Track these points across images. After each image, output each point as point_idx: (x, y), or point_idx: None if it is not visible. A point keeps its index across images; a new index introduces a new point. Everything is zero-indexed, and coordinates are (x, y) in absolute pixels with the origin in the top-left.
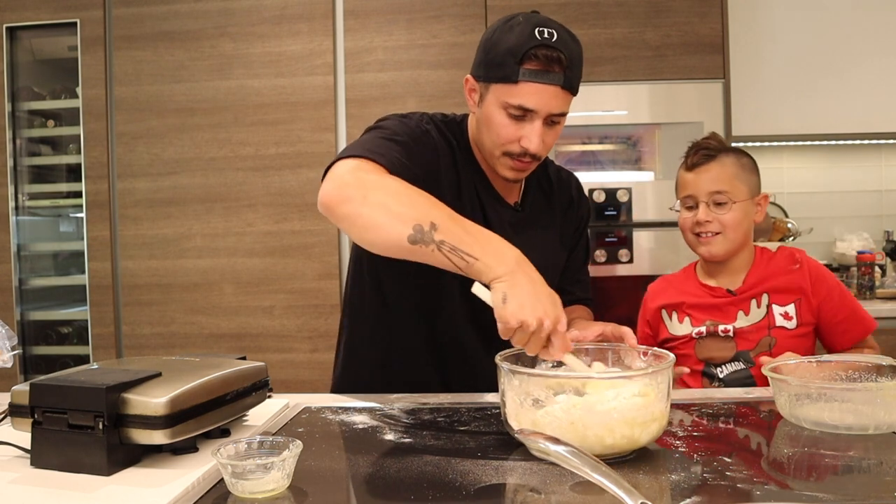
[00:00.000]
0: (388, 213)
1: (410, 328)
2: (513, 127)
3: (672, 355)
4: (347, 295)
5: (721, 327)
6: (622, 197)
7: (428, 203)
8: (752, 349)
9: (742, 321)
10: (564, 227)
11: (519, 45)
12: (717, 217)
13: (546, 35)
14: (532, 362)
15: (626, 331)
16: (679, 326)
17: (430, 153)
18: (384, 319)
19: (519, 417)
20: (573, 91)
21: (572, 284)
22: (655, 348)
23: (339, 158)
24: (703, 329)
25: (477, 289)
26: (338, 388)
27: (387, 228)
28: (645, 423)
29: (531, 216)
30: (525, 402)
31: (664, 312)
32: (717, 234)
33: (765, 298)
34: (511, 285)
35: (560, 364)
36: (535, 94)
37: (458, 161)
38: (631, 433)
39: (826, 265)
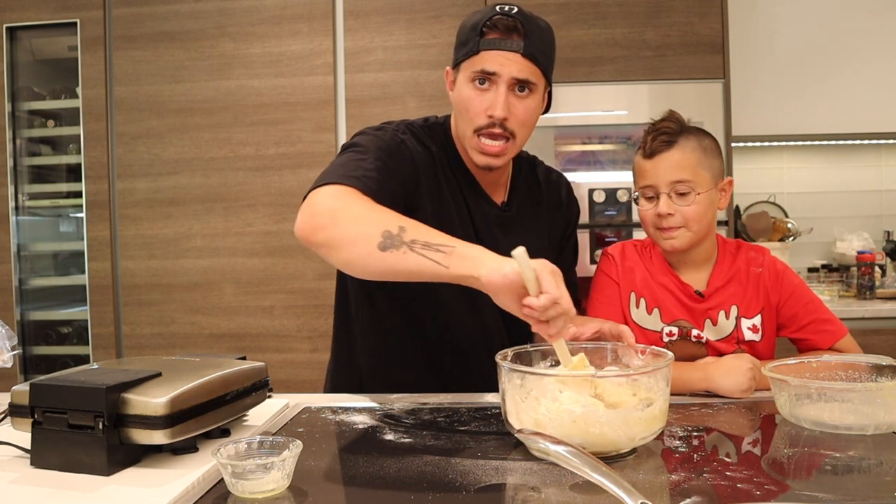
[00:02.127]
0: (357, 228)
1: (404, 337)
2: (478, 98)
3: (671, 353)
4: (337, 309)
5: (695, 332)
6: (622, 197)
7: (395, 214)
8: None
9: (710, 332)
10: (553, 229)
11: (480, 20)
12: (679, 209)
13: (506, 9)
14: (530, 361)
15: (624, 329)
16: (647, 318)
17: (406, 163)
18: (376, 330)
19: (520, 416)
20: (536, 62)
21: None
22: (653, 347)
23: (314, 187)
24: (675, 330)
25: (519, 252)
26: (330, 389)
27: (358, 243)
28: (646, 422)
29: (518, 216)
30: (526, 400)
31: (633, 296)
32: (680, 227)
33: (734, 311)
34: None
35: (557, 363)
36: (495, 58)
37: (439, 163)
38: (632, 432)
39: (826, 265)
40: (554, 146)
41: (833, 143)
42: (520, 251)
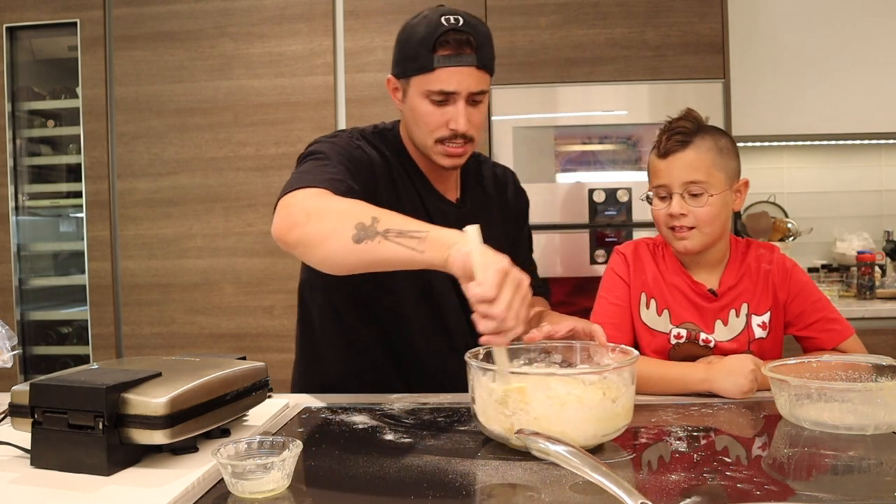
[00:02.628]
0: (330, 223)
1: (372, 346)
2: (438, 113)
3: (636, 352)
4: (301, 323)
5: (703, 336)
6: (622, 197)
7: (366, 205)
8: None
9: (722, 333)
10: (506, 222)
11: (429, 34)
12: (692, 210)
13: (452, 21)
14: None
15: (596, 328)
16: (657, 319)
17: (365, 168)
18: (343, 342)
19: (487, 414)
20: (488, 70)
21: None
22: (623, 346)
23: (283, 194)
24: (683, 333)
25: (471, 229)
26: (298, 391)
27: (332, 237)
28: (611, 420)
29: (473, 211)
30: (494, 399)
31: (643, 296)
32: (692, 228)
33: (744, 308)
34: (483, 248)
35: (529, 362)
36: (452, 76)
37: (394, 168)
38: (596, 430)
39: (826, 265)
40: (554, 146)
41: (833, 143)
42: (471, 228)
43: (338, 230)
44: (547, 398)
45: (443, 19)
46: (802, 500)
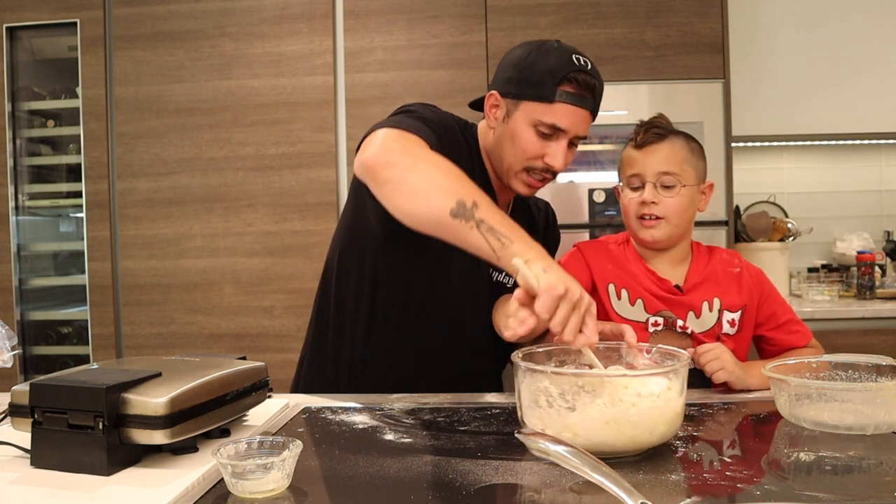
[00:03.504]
0: (434, 184)
1: (392, 326)
2: (539, 144)
3: (687, 353)
4: (325, 295)
5: (679, 322)
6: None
7: (471, 184)
8: None
9: (693, 324)
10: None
11: (559, 67)
12: (663, 200)
13: (583, 62)
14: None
15: (626, 328)
16: (631, 309)
17: (455, 148)
18: (366, 317)
19: (543, 417)
20: (594, 119)
21: None
22: (661, 345)
23: (377, 128)
24: (661, 321)
25: (519, 262)
26: (301, 388)
27: (431, 198)
28: (671, 420)
29: None
30: (551, 402)
31: (612, 287)
32: (661, 218)
33: (716, 303)
34: (548, 264)
35: (561, 363)
36: (569, 115)
37: (475, 166)
38: (663, 430)
39: (826, 265)
40: None
41: (833, 143)
42: (518, 261)
43: (438, 194)
44: (638, 395)
45: (574, 57)
46: (802, 500)
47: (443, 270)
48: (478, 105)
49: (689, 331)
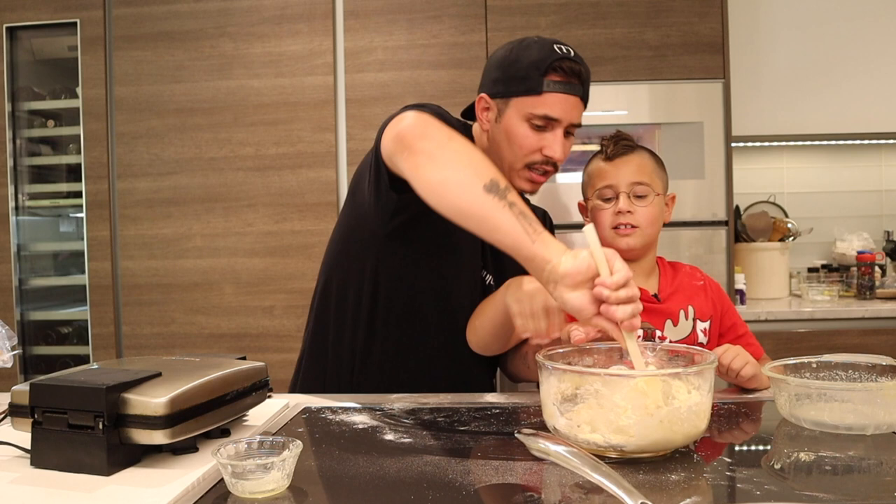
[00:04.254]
0: (470, 159)
1: (392, 327)
2: (535, 137)
3: (713, 354)
4: (325, 297)
5: (658, 333)
6: None
7: (501, 173)
8: None
9: (671, 332)
10: None
11: (542, 58)
12: (637, 209)
13: (565, 51)
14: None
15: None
16: None
17: None
18: (366, 319)
19: (591, 421)
20: (586, 105)
21: None
22: (666, 343)
23: (403, 111)
24: (640, 332)
25: (589, 229)
26: (300, 388)
27: (464, 171)
28: (708, 417)
29: None
30: (603, 404)
31: None
32: (636, 227)
33: (691, 311)
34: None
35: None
36: (559, 103)
37: None
38: (701, 428)
39: (826, 265)
40: None
41: (833, 143)
42: (590, 227)
43: (472, 169)
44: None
45: (555, 47)
46: (802, 500)
47: (442, 270)
48: (468, 114)
49: (667, 341)
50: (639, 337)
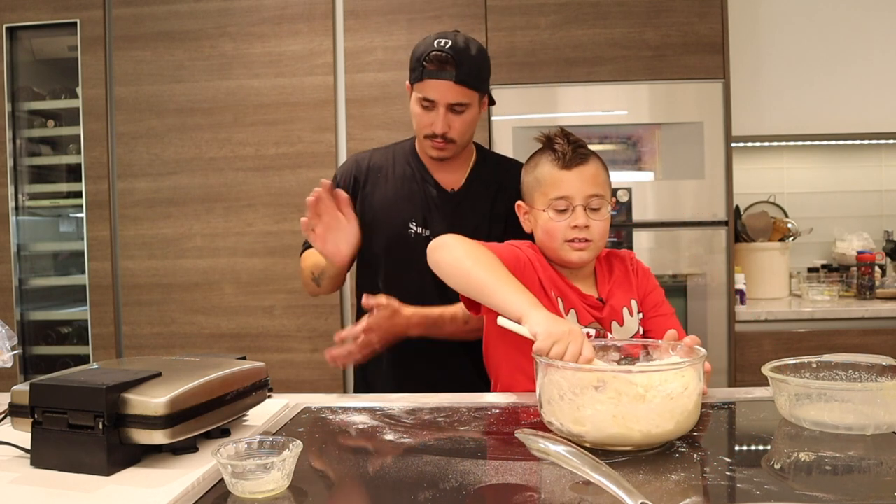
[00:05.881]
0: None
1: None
2: (424, 116)
3: (704, 350)
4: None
5: (610, 335)
6: (622, 197)
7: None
8: None
9: (618, 333)
10: (498, 206)
11: (423, 51)
12: (592, 223)
13: (442, 44)
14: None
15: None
16: (566, 318)
17: (349, 175)
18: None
19: (557, 413)
20: (469, 86)
21: None
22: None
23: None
24: (593, 332)
25: (503, 321)
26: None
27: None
28: (688, 413)
29: (466, 200)
30: (564, 396)
31: (552, 294)
32: (590, 241)
33: (634, 306)
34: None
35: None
36: (432, 88)
37: (398, 160)
38: (665, 429)
39: (826, 265)
40: None
41: (833, 143)
42: (503, 321)
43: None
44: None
45: (435, 42)
46: (802, 500)
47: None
48: None
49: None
50: (590, 336)
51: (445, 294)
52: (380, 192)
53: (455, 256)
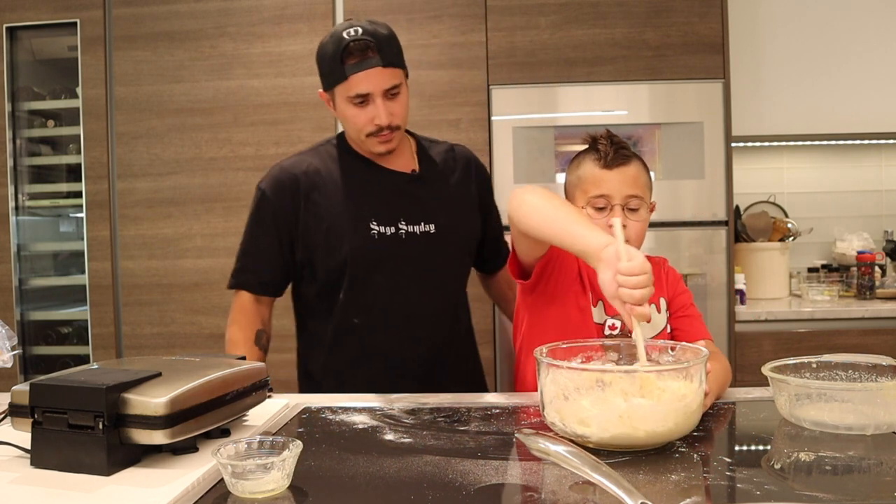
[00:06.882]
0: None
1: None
2: (361, 113)
3: (706, 350)
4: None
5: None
6: None
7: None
8: None
9: (647, 329)
10: (466, 190)
11: (336, 49)
12: (630, 224)
13: (353, 32)
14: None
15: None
16: (593, 309)
17: (283, 189)
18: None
19: (560, 413)
20: (395, 66)
21: (495, 255)
22: (683, 343)
23: None
24: (618, 324)
25: (616, 224)
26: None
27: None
28: (691, 413)
29: (430, 178)
30: (568, 396)
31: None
32: (627, 241)
33: (663, 304)
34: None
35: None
36: (362, 80)
37: (333, 161)
38: (668, 427)
39: (826, 265)
40: (554, 146)
41: (833, 143)
42: (616, 222)
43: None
44: (663, 389)
45: (344, 33)
46: (802, 500)
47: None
48: None
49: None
50: (615, 328)
51: (424, 289)
52: (327, 197)
53: (539, 201)
